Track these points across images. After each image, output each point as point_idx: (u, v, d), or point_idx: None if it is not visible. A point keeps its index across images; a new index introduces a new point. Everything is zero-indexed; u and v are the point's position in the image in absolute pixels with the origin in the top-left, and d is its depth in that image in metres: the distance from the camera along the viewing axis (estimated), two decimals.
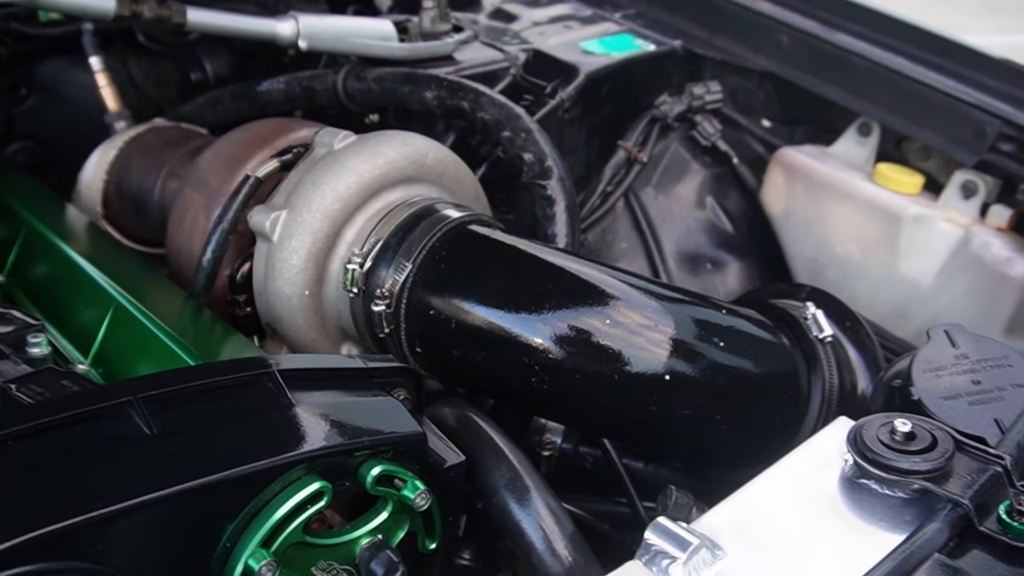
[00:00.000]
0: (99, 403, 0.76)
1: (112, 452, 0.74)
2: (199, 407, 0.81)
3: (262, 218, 1.23)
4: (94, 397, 0.77)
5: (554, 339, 1.09)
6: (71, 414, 0.75)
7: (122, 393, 0.78)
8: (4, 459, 0.70)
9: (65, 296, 1.21)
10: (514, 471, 0.95)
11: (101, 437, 0.75)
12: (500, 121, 1.43)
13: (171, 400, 0.80)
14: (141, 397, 0.78)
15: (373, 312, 1.18)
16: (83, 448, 0.74)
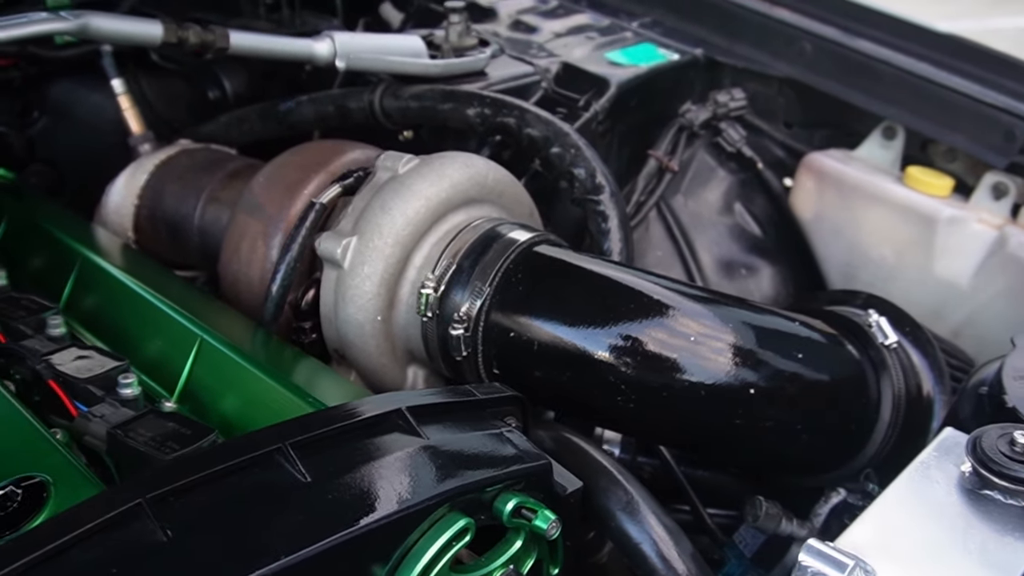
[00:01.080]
0: (250, 452, 0.76)
1: (276, 502, 0.74)
2: (341, 450, 0.81)
3: (332, 245, 1.22)
4: (244, 447, 0.76)
5: (640, 357, 1.11)
6: (226, 466, 0.74)
7: (270, 440, 0.77)
8: (175, 516, 0.70)
9: (134, 330, 1.19)
10: (629, 494, 0.97)
11: (261, 487, 0.75)
12: (548, 138, 1.44)
13: (314, 444, 0.80)
14: (289, 444, 0.77)
15: (450, 336, 1.18)
16: (245, 499, 0.73)
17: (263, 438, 0.78)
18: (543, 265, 1.20)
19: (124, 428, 0.93)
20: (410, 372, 1.31)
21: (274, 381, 1.02)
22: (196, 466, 0.74)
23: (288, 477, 0.76)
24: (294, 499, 0.74)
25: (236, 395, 1.06)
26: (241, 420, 1.04)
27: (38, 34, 1.22)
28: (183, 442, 0.92)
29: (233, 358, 1.07)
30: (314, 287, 1.30)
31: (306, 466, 0.77)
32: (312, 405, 0.98)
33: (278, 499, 0.74)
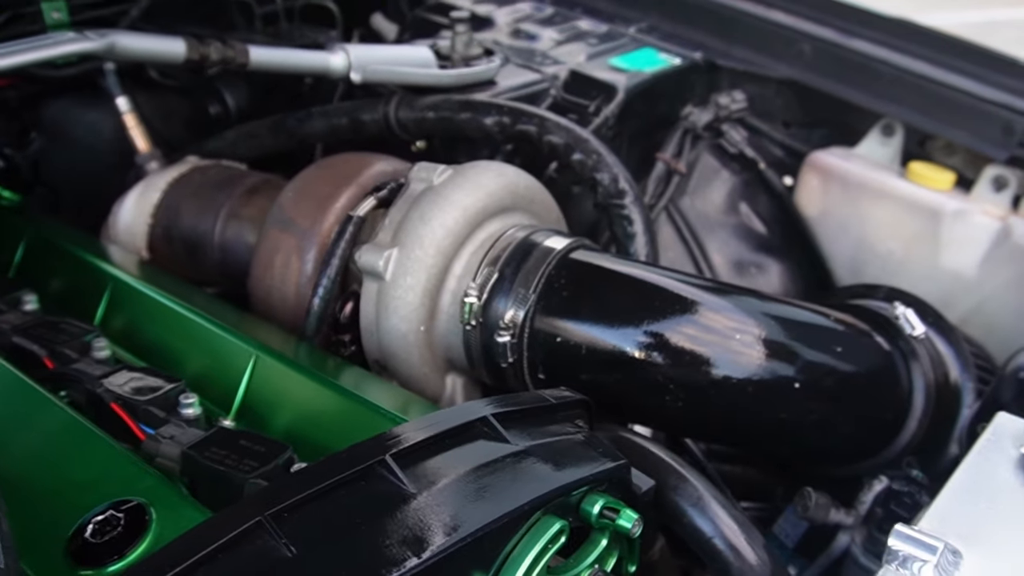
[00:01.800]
0: (354, 466, 0.76)
1: (386, 513, 0.74)
2: (437, 459, 0.82)
3: (373, 258, 1.23)
4: (347, 461, 0.77)
5: (687, 356, 1.13)
6: (335, 480, 0.75)
7: (372, 453, 0.78)
8: (295, 532, 0.70)
9: (179, 350, 1.18)
10: (698, 490, 0.99)
11: (369, 499, 0.75)
12: (570, 144, 1.46)
13: (411, 455, 0.81)
14: (391, 455, 0.78)
15: (497, 343, 1.20)
16: (357, 512, 0.74)
17: (364, 451, 0.78)
18: (584, 270, 1.22)
19: (199, 448, 0.93)
20: (448, 380, 1.32)
21: (337, 393, 1.02)
22: (306, 482, 0.74)
23: (393, 488, 0.77)
24: (402, 510, 0.75)
25: (293, 409, 1.06)
26: (301, 433, 1.04)
27: (67, 55, 1.21)
28: (261, 459, 0.92)
29: (291, 372, 1.07)
30: (352, 300, 1.30)
31: (408, 477, 0.78)
32: (379, 415, 0.99)
33: (387, 510, 0.75)
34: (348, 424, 1.01)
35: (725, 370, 1.13)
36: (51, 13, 1.74)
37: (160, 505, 0.79)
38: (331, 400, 1.02)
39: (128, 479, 0.83)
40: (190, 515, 0.78)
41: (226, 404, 1.10)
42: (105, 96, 1.82)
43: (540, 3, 2.03)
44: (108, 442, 0.88)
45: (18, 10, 1.70)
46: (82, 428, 0.90)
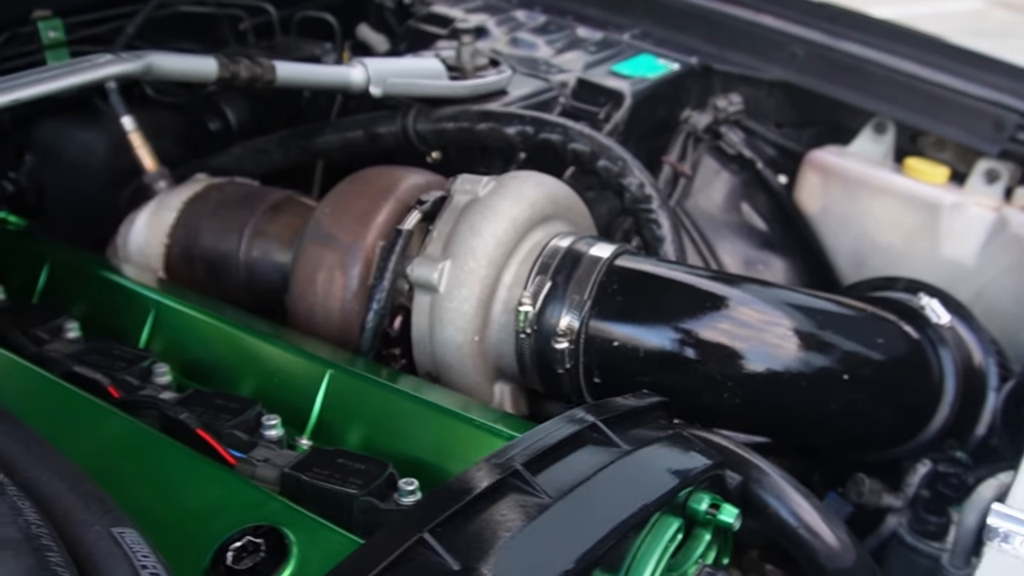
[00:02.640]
0: (493, 478, 0.78)
1: (529, 520, 0.76)
2: (560, 465, 0.84)
3: (426, 270, 1.24)
4: (482, 473, 0.79)
5: (745, 353, 1.18)
6: (477, 494, 0.76)
7: (503, 465, 0.80)
8: (453, 546, 0.71)
9: (239, 371, 1.17)
10: (779, 481, 1.03)
11: (510, 508, 0.77)
12: (595, 152, 1.49)
13: (535, 464, 0.83)
14: (523, 464, 0.80)
15: (554, 350, 1.22)
16: (502, 523, 0.76)
17: (494, 463, 0.80)
18: (635, 275, 1.25)
19: (300, 469, 0.93)
20: (496, 389, 1.34)
21: (424, 407, 1.03)
22: (454, 496, 0.76)
23: (531, 497, 0.79)
24: (545, 517, 0.77)
25: (372, 423, 1.07)
26: (379, 446, 1.05)
27: (107, 78, 1.19)
28: (364, 477, 0.93)
29: (369, 388, 1.07)
30: (400, 313, 1.31)
31: (542, 485, 0.80)
32: (471, 425, 1.00)
33: (531, 518, 0.77)
34: (433, 436, 1.02)
35: (779, 364, 1.18)
36: (48, 32, 1.70)
37: (295, 528, 0.79)
38: (415, 413, 1.03)
39: (252, 504, 0.83)
40: (328, 536, 0.79)
41: (297, 422, 1.10)
42: (99, 115, 1.79)
43: (531, 12, 2.06)
44: (219, 468, 0.88)
45: (15, 30, 1.66)
46: (188, 456, 0.90)
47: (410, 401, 1.04)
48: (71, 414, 0.98)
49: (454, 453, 0.99)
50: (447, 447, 0.99)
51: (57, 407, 0.99)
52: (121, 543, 0.70)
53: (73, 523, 0.74)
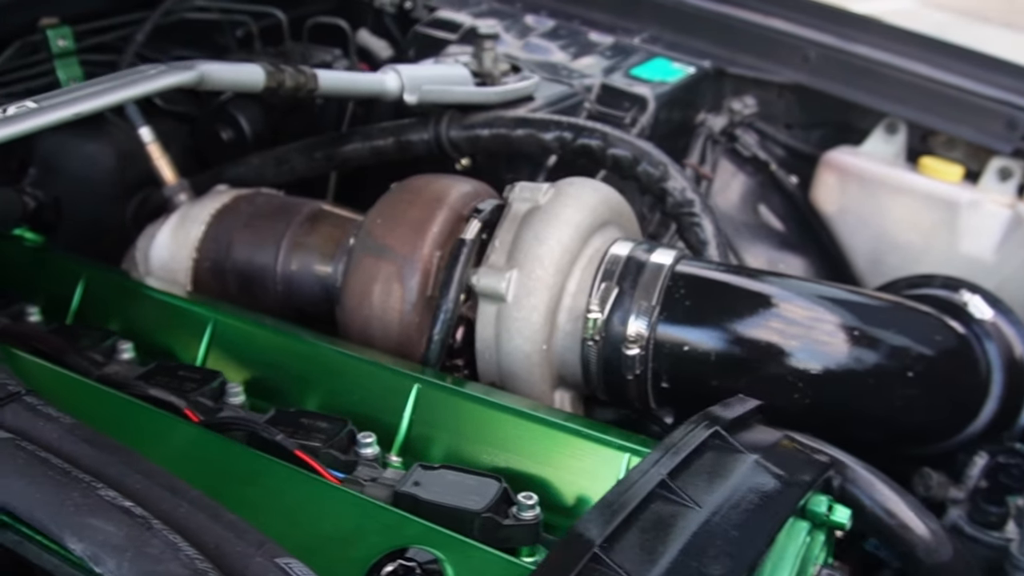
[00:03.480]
0: (644, 490, 0.78)
1: (689, 531, 0.76)
2: (695, 476, 0.84)
3: (494, 280, 1.23)
4: (636, 486, 0.78)
5: (814, 355, 1.20)
6: (634, 507, 0.76)
7: (651, 478, 0.80)
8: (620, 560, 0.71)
9: (315, 387, 1.14)
10: (870, 479, 1.05)
11: (667, 519, 0.77)
12: (636, 157, 1.49)
13: (678, 475, 0.82)
14: (668, 476, 0.80)
15: (625, 356, 1.22)
16: (663, 534, 0.75)
17: (645, 476, 0.80)
18: (700, 279, 1.26)
19: (414, 488, 0.91)
20: (557, 396, 1.33)
21: (522, 418, 1.02)
22: (614, 510, 0.75)
23: (682, 507, 0.79)
24: (700, 526, 0.77)
25: (463, 437, 1.05)
26: (474, 461, 1.03)
27: (164, 89, 1.15)
28: (479, 493, 0.91)
29: (461, 401, 1.06)
30: (462, 324, 1.29)
31: (688, 494, 0.80)
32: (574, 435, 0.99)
33: (686, 528, 0.77)
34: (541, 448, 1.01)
35: (848, 363, 1.20)
36: (57, 40, 1.65)
37: (442, 549, 0.78)
38: (516, 426, 1.02)
39: (389, 527, 0.81)
40: (480, 555, 0.78)
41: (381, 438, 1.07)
42: (104, 126, 1.74)
43: (539, 16, 2.06)
44: (347, 492, 0.86)
45: (25, 38, 1.60)
46: (310, 480, 0.87)
47: (510, 414, 1.02)
48: (169, 440, 0.95)
49: (563, 465, 0.98)
50: (556, 459, 0.98)
51: (153, 434, 0.96)
52: (291, 574, 0.68)
53: (229, 555, 0.71)
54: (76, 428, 0.86)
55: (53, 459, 0.81)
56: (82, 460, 0.82)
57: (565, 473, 0.98)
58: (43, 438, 0.86)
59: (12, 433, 0.86)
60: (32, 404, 0.90)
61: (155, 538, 0.70)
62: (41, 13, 1.59)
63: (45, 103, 1.05)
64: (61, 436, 0.86)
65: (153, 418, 1.00)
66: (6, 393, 0.91)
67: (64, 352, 1.16)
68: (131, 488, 0.79)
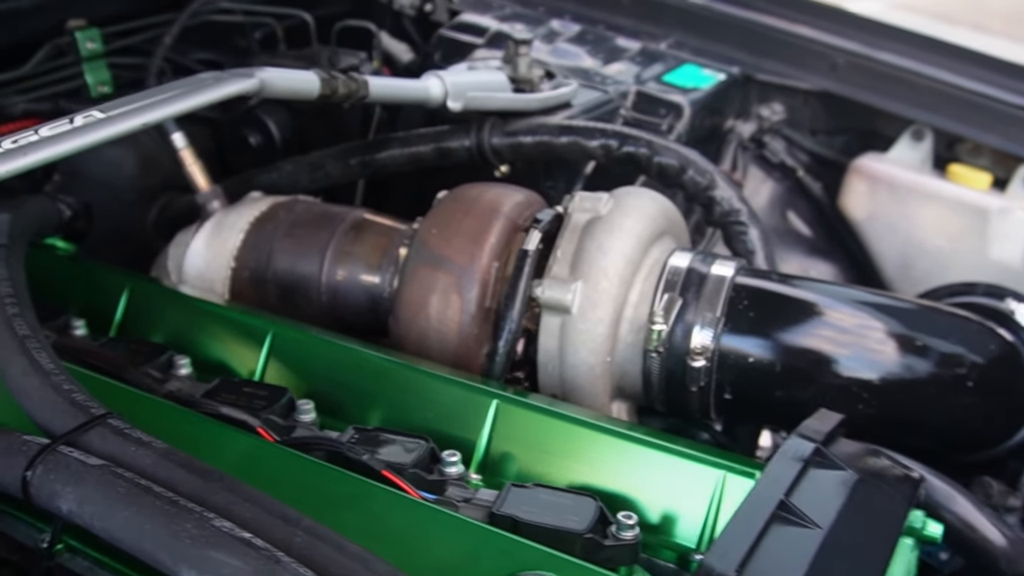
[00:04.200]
0: (768, 508, 0.77)
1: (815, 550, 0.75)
2: (808, 494, 0.83)
3: (559, 292, 1.21)
4: (761, 506, 0.77)
5: (878, 365, 1.20)
6: (763, 527, 0.75)
7: (771, 494, 0.79)
8: None
9: (383, 403, 1.12)
10: (948, 490, 1.05)
11: (794, 538, 0.76)
12: (682, 165, 1.49)
13: (792, 493, 0.82)
14: (785, 494, 0.79)
15: (690, 368, 1.21)
16: (793, 554, 0.75)
17: (766, 495, 0.79)
18: (761, 290, 1.26)
19: (511, 509, 0.90)
20: (615, 407, 1.32)
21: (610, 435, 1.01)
22: (739, 537, 0.74)
23: (803, 528, 0.78)
24: (824, 548, 0.77)
25: (546, 454, 1.03)
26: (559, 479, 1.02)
27: (227, 97, 1.12)
28: (577, 512, 0.90)
29: (540, 416, 1.04)
30: (523, 336, 1.28)
31: (811, 514, 0.79)
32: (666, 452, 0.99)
33: (811, 547, 0.76)
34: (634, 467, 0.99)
35: (913, 373, 1.20)
36: (85, 43, 1.60)
37: (563, 572, 0.76)
38: (604, 443, 1.00)
39: (503, 551, 0.79)
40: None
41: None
42: None
43: (564, 21, 2.04)
44: (453, 515, 0.84)
45: (55, 41, 1.56)
46: (412, 503, 0.85)
47: (597, 431, 1.01)
48: (253, 462, 0.92)
49: (655, 482, 0.97)
50: (647, 477, 0.97)
51: (235, 455, 0.93)
52: None
53: None
54: (170, 453, 0.84)
55: (155, 487, 0.78)
56: (181, 487, 0.80)
57: (657, 491, 0.97)
58: (137, 464, 0.83)
59: (102, 459, 0.83)
60: (119, 427, 0.87)
61: (285, 572, 0.68)
62: (68, 15, 1.55)
63: (112, 112, 1.02)
64: (155, 462, 0.83)
65: (230, 438, 0.98)
66: (90, 416, 0.88)
67: (123, 368, 1.13)
68: (241, 517, 0.76)
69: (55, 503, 0.80)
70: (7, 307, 1.00)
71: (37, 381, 0.92)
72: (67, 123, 0.99)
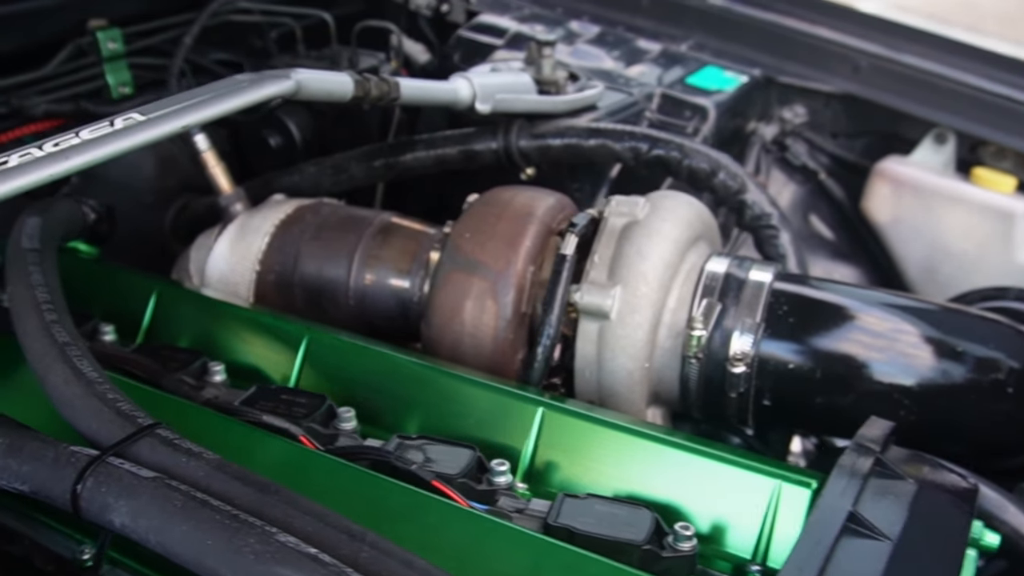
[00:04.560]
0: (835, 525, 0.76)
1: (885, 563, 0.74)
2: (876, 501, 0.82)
3: (598, 297, 1.20)
4: (827, 522, 0.76)
5: (918, 371, 1.19)
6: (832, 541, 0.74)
7: (838, 506, 0.78)
8: None
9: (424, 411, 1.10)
10: (997, 498, 1.04)
11: (865, 552, 0.75)
12: (713, 169, 1.48)
13: (857, 505, 0.81)
14: (853, 509, 0.78)
15: (730, 374, 1.20)
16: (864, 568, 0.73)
17: (832, 510, 0.78)
18: (801, 295, 1.24)
19: (567, 520, 0.88)
20: (650, 413, 1.31)
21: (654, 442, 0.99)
22: (813, 551, 0.73)
23: (874, 540, 0.77)
24: (895, 560, 0.75)
25: (588, 461, 1.02)
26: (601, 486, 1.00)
27: (265, 99, 1.10)
28: (633, 523, 0.89)
29: (587, 425, 1.03)
30: (560, 342, 1.26)
31: (879, 525, 0.78)
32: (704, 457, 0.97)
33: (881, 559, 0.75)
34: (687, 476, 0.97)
35: (954, 379, 1.19)
36: (107, 43, 1.58)
37: None
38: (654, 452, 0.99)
39: (569, 566, 0.78)
40: None
41: None
42: None
43: (582, 22, 2.03)
44: (509, 527, 0.82)
45: (76, 41, 1.53)
46: (467, 515, 0.84)
47: (647, 439, 0.99)
48: (302, 472, 0.91)
49: (708, 492, 0.95)
50: (699, 486, 0.96)
51: (283, 465, 0.91)
52: None
53: None
54: (223, 465, 0.82)
55: (212, 500, 0.76)
56: (238, 500, 0.78)
57: (709, 500, 0.95)
58: (189, 476, 0.81)
59: (154, 471, 0.81)
60: (168, 438, 0.85)
61: None
62: (89, 15, 1.53)
63: (152, 115, 1.00)
64: (209, 474, 0.81)
65: (274, 447, 0.96)
66: (138, 426, 0.86)
67: (159, 375, 1.11)
68: (304, 532, 0.74)
69: (107, 516, 0.78)
70: (45, 313, 0.98)
71: (80, 390, 0.90)
72: (107, 126, 0.96)
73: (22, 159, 0.89)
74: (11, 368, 1.06)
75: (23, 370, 1.01)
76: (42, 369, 0.93)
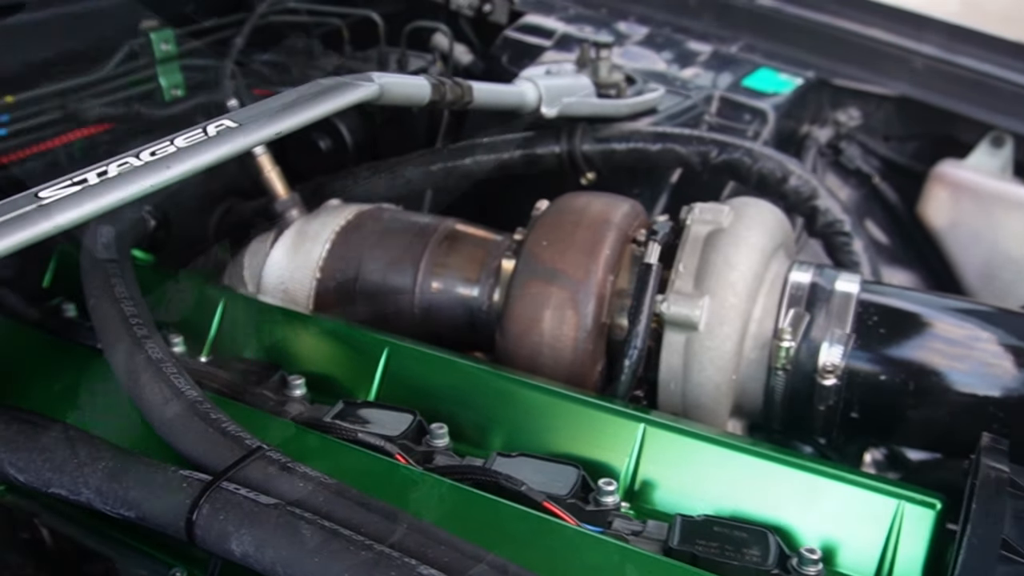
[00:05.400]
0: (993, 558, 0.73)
1: None
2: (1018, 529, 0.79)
3: (686, 308, 1.17)
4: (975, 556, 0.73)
5: (1012, 383, 1.16)
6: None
7: (993, 534, 0.75)
8: None
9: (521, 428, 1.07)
10: None
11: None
12: (784, 174, 1.45)
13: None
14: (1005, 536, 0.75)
15: (820, 387, 1.17)
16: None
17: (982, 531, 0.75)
18: (889, 306, 1.21)
19: (688, 543, 0.85)
20: (731, 425, 1.28)
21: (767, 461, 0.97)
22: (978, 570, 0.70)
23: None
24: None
25: (696, 480, 0.99)
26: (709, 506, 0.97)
27: (351, 104, 1.06)
28: (755, 546, 0.86)
29: (693, 442, 1.00)
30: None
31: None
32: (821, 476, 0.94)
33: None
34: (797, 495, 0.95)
35: None
36: (160, 44, 1.54)
37: None
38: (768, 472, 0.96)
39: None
40: None
41: None
42: None
43: (630, 23, 2.00)
44: (642, 554, 0.79)
45: (131, 42, 1.50)
46: (593, 540, 0.81)
47: (758, 457, 0.96)
48: (412, 494, 0.87)
49: (826, 512, 0.92)
50: (816, 506, 0.93)
51: (388, 486, 0.88)
52: None
53: None
54: (344, 489, 0.79)
55: (342, 530, 0.73)
56: (364, 529, 0.75)
57: (828, 521, 0.92)
58: (309, 502, 0.78)
59: (269, 495, 0.78)
60: (279, 460, 0.82)
61: None
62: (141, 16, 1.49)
63: (245, 122, 0.96)
64: (328, 499, 0.78)
65: (372, 465, 0.92)
66: (246, 448, 0.83)
67: (241, 390, 1.07)
68: (440, 562, 0.71)
69: (225, 545, 0.75)
70: (135, 328, 0.95)
71: (181, 410, 0.86)
72: (201, 133, 0.93)
73: (121, 168, 0.85)
74: (95, 384, 1.03)
75: (107, 387, 0.98)
76: (136, 388, 0.90)
